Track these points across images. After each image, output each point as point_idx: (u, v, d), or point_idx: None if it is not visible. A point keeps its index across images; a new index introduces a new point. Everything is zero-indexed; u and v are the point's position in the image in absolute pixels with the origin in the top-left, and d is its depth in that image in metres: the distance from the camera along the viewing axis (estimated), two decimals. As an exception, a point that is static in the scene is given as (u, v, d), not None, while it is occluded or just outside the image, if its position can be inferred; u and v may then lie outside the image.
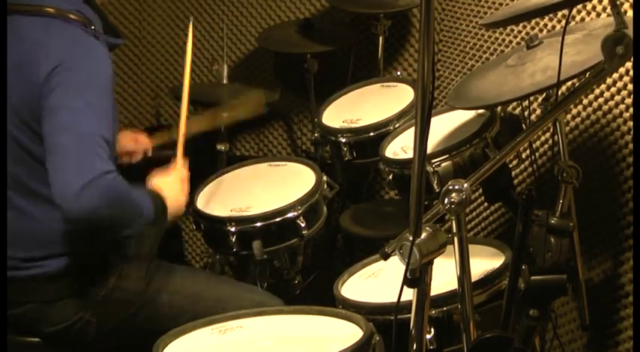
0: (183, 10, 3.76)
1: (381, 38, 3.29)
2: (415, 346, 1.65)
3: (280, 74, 3.68)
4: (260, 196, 2.63)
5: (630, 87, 2.41)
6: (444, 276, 1.87)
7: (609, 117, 2.49)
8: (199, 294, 2.33)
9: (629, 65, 2.34)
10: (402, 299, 1.64)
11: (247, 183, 2.76)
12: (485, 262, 2.14)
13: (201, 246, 3.61)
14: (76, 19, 2.09)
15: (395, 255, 1.59)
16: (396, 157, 2.49)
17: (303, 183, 2.62)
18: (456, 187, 1.65)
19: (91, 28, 2.14)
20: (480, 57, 3.06)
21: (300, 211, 2.49)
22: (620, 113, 2.46)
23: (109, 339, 2.27)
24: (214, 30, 3.75)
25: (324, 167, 2.75)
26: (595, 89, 2.51)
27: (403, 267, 1.57)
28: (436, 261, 1.61)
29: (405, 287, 1.60)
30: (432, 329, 1.97)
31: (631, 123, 2.41)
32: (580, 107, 2.58)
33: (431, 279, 1.61)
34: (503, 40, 2.94)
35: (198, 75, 3.81)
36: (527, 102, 2.39)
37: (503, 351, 1.76)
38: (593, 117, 2.54)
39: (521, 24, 2.81)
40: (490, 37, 3.01)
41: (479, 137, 2.31)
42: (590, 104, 2.55)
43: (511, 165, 2.62)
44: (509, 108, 2.58)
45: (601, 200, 2.50)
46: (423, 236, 1.57)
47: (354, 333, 1.90)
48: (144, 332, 2.22)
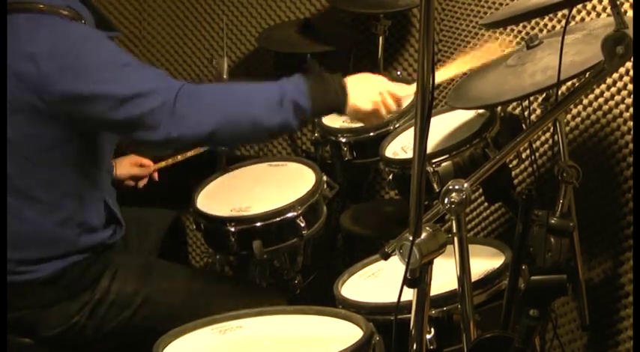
0: (183, 10, 3.76)
1: (381, 38, 3.29)
2: (415, 346, 1.65)
3: (280, 74, 3.67)
4: (260, 196, 2.63)
5: (630, 87, 2.41)
6: (444, 276, 1.87)
7: (609, 117, 2.49)
8: (198, 293, 2.32)
9: (629, 65, 2.34)
10: (402, 299, 1.64)
11: (247, 183, 2.75)
12: (485, 262, 2.13)
13: (201, 246, 3.60)
14: (68, 15, 2.09)
15: (395, 255, 1.59)
16: (396, 157, 2.49)
17: (303, 183, 2.61)
18: (456, 187, 1.65)
19: (82, 22, 2.13)
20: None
21: (300, 211, 2.49)
22: (620, 113, 2.45)
23: (109, 340, 2.27)
24: (214, 30, 3.75)
25: (324, 167, 2.74)
26: (595, 89, 2.50)
27: (403, 267, 1.57)
28: (436, 261, 1.61)
29: (405, 287, 1.60)
30: (432, 329, 1.97)
31: (631, 123, 2.41)
32: (580, 107, 2.58)
33: (431, 279, 1.61)
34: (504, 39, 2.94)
35: (198, 75, 3.81)
36: (527, 102, 2.39)
37: (503, 351, 1.76)
38: (593, 117, 2.54)
39: (521, 24, 2.81)
40: (490, 37, 3.01)
41: (479, 137, 2.31)
42: (590, 104, 2.55)
43: (511, 165, 2.62)
44: (509, 108, 2.57)
45: (601, 200, 2.50)
46: (423, 236, 1.57)
47: (354, 333, 1.90)
48: (143, 332, 2.22)
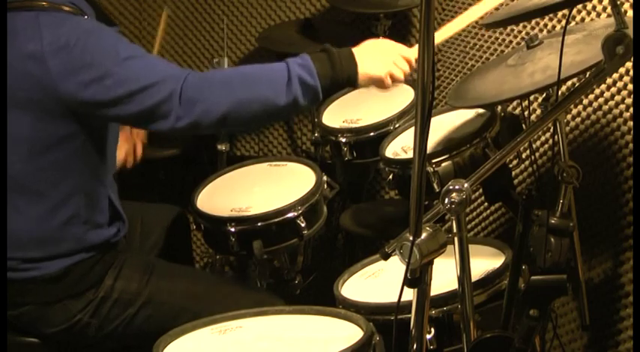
0: (184, 10, 3.76)
1: (381, 38, 3.29)
2: (415, 346, 1.65)
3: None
4: (260, 196, 2.63)
5: (630, 87, 2.41)
6: (444, 276, 1.87)
7: (609, 117, 2.49)
8: (199, 294, 2.32)
9: (629, 65, 2.35)
10: (402, 299, 1.64)
11: (247, 183, 2.75)
12: (485, 262, 2.13)
13: (201, 246, 3.60)
14: (70, 11, 2.09)
15: (395, 255, 1.59)
16: (396, 157, 2.49)
17: (303, 183, 2.61)
18: (456, 187, 1.65)
19: (85, 18, 2.14)
20: (480, 57, 3.05)
21: (300, 211, 2.49)
22: (620, 113, 2.46)
23: (111, 339, 2.27)
24: (214, 29, 3.75)
25: (324, 167, 2.74)
26: (595, 89, 2.51)
27: (403, 267, 1.57)
28: (436, 261, 1.61)
29: (405, 287, 1.60)
30: (432, 329, 1.97)
31: (631, 123, 2.41)
32: (580, 107, 2.58)
33: (431, 279, 1.62)
34: (504, 40, 2.94)
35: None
36: (527, 102, 2.39)
37: (503, 351, 1.76)
38: (593, 117, 2.54)
39: (521, 24, 2.81)
40: (490, 37, 3.01)
41: (479, 137, 2.31)
42: (590, 104, 2.55)
43: (511, 165, 2.62)
44: (509, 108, 2.58)
45: (601, 200, 2.51)
46: (423, 236, 1.57)
47: (354, 333, 1.90)
48: (144, 332, 2.22)
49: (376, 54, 2.17)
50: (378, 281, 2.25)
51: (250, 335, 2.00)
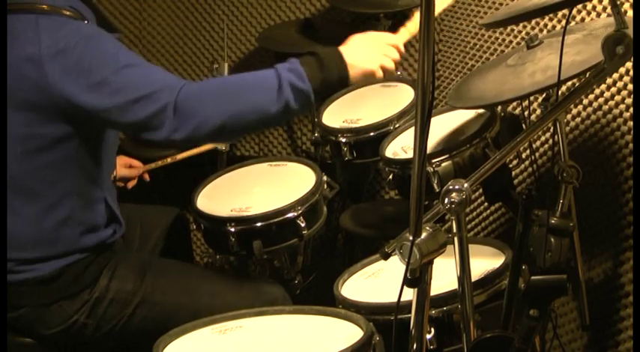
0: (184, 10, 3.76)
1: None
2: (415, 346, 1.65)
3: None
4: (260, 196, 2.63)
5: (630, 87, 2.41)
6: (444, 276, 1.87)
7: (609, 117, 2.49)
8: (196, 288, 2.32)
9: (629, 65, 2.35)
10: (402, 299, 1.64)
11: (247, 183, 2.75)
12: (485, 262, 2.14)
13: (202, 245, 3.60)
14: (70, 15, 2.09)
15: (395, 255, 1.59)
16: (396, 157, 2.49)
17: (303, 183, 2.61)
18: (456, 187, 1.64)
19: (85, 22, 2.13)
20: (480, 57, 3.06)
21: (300, 211, 2.49)
22: (620, 113, 2.46)
23: (109, 339, 2.27)
24: (214, 30, 3.75)
25: (324, 167, 2.74)
26: (595, 89, 2.51)
27: (403, 267, 1.57)
28: (436, 260, 1.61)
29: (405, 287, 1.60)
30: (432, 329, 1.97)
31: (631, 123, 2.41)
32: (580, 107, 2.59)
33: (431, 279, 1.62)
34: (504, 40, 2.94)
35: (198, 75, 3.81)
36: (527, 102, 2.39)
37: (503, 351, 1.76)
38: (593, 117, 2.54)
39: (521, 24, 2.81)
40: (490, 37, 3.01)
41: (479, 137, 2.30)
42: (590, 104, 2.55)
43: (511, 165, 2.62)
44: (509, 108, 2.58)
45: (601, 200, 2.51)
46: (423, 236, 1.56)
47: (354, 333, 1.90)
48: (143, 330, 2.22)
49: (364, 48, 2.17)
50: (378, 281, 2.25)
51: (250, 335, 2.00)
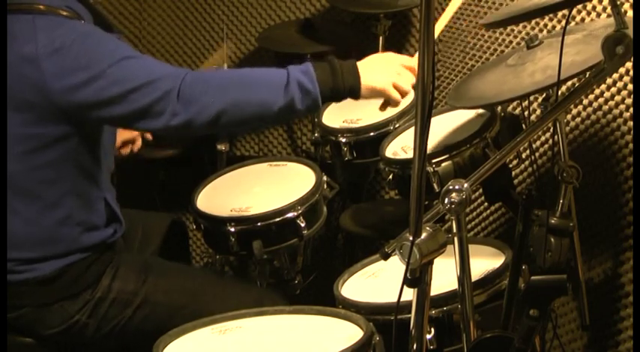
0: (184, 10, 3.76)
1: (381, 38, 3.29)
2: (415, 346, 1.65)
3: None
4: (260, 196, 2.63)
5: (630, 87, 2.41)
6: (444, 276, 1.87)
7: (609, 117, 2.49)
8: (196, 291, 2.32)
9: (629, 65, 2.34)
10: (402, 299, 1.64)
11: (247, 183, 2.75)
12: (485, 262, 2.14)
13: (201, 246, 3.61)
14: (67, 16, 2.09)
15: (395, 255, 1.59)
16: (396, 157, 2.49)
17: (303, 183, 2.61)
18: (456, 187, 1.65)
19: (81, 22, 2.13)
20: (480, 57, 3.05)
21: (300, 211, 2.49)
22: (620, 113, 2.46)
23: (110, 339, 2.27)
24: (214, 30, 3.75)
25: (324, 167, 2.74)
26: (595, 89, 2.51)
27: (403, 267, 1.57)
28: (436, 261, 1.61)
29: (405, 287, 1.60)
30: (432, 329, 1.97)
31: (631, 123, 2.41)
32: (580, 107, 2.58)
33: (431, 279, 1.62)
34: (504, 40, 2.94)
35: (198, 75, 3.81)
36: (527, 102, 2.39)
37: (503, 351, 1.76)
38: (593, 117, 2.54)
39: (521, 24, 2.81)
40: (490, 37, 3.01)
41: (479, 137, 2.30)
42: (590, 104, 2.55)
43: (511, 165, 2.62)
44: (509, 108, 2.58)
45: (601, 200, 2.50)
46: (423, 236, 1.57)
47: (354, 333, 1.90)
48: (143, 331, 2.22)
49: (380, 67, 2.18)
50: (378, 281, 2.25)
51: (250, 335, 2.00)
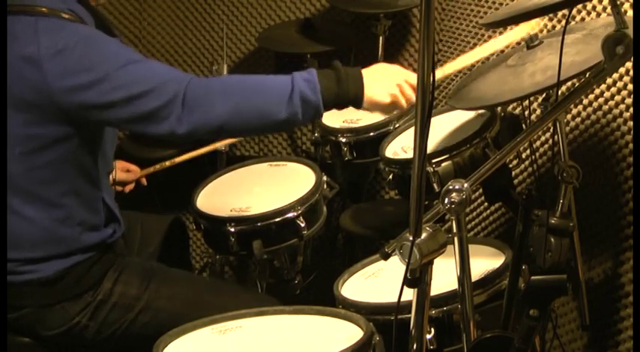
0: (184, 10, 3.76)
1: (381, 38, 3.29)
2: (415, 346, 1.65)
3: (280, 74, 3.67)
4: (260, 196, 2.63)
5: (630, 87, 2.41)
6: (444, 276, 1.87)
7: (609, 117, 2.49)
8: (198, 301, 2.31)
9: (629, 65, 2.34)
10: (402, 299, 1.64)
11: (247, 183, 2.76)
12: (485, 262, 2.14)
13: (201, 246, 3.61)
14: (70, 19, 2.09)
15: (395, 255, 1.59)
16: (396, 157, 2.49)
17: (303, 183, 2.62)
18: (456, 187, 1.65)
19: (84, 25, 2.13)
20: (480, 57, 3.05)
21: (300, 211, 2.49)
22: (620, 113, 2.45)
23: (109, 343, 2.26)
24: (214, 30, 3.75)
25: (324, 167, 2.74)
26: (595, 89, 2.50)
27: (403, 267, 1.57)
28: (436, 261, 1.61)
29: (405, 287, 1.60)
30: (432, 329, 1.97)
31: (631, 123, 2.41)
32: (580, 107, 2.58)
33: (431, 279, 1.62)
34: (504, 40, 2.94)
35: (198, 75, 3.81)
36: (527, 102, 2.39)
37: (503, 351, 1.76)
38: (593, 117, 2.54)
39: (521, 24, 2.80)
40: (490, 37, 3.01)
41: (479, 137, 2.30)
42: (590, 104, 2.55)
43: (511, 165, 2.62)
44: (509, 109, 2.57)
45: (601, 200, 2.50)
46: (423, 236, 1.57)
47: (354, 333, 1.90)
48: (142, 337, 2.21)
49: (384, 80, 2.17)
50: (378, 281, 2.25)
51: (250, 335, 2.00)
